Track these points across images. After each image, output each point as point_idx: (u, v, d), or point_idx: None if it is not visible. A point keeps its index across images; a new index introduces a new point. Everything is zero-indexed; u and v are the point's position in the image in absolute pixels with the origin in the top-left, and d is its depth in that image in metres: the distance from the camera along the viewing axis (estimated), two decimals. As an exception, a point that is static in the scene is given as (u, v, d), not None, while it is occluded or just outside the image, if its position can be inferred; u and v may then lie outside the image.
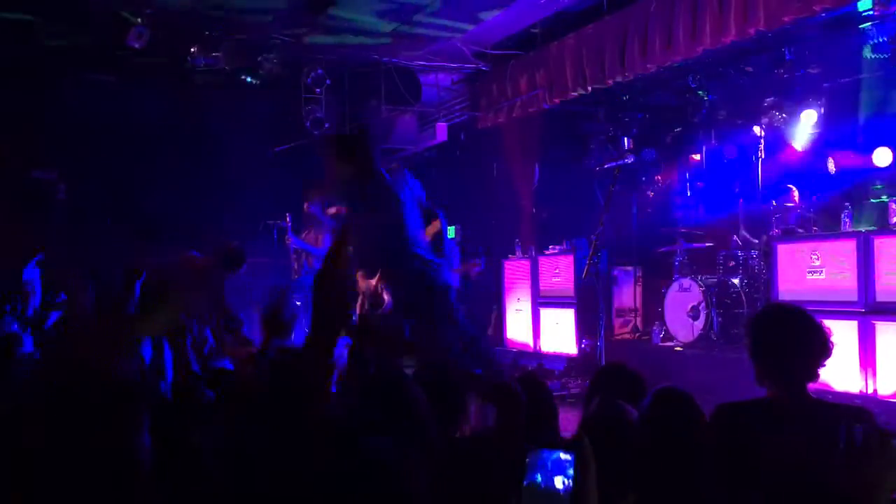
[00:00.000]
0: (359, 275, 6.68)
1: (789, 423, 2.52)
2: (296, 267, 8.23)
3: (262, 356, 3.78)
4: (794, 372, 2.61)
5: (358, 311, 6.67)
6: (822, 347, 2.63)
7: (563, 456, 1.87)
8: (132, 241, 8.27)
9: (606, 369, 3.38)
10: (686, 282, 7.72)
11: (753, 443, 2.46)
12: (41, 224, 8.51)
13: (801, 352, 2.61)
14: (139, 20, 7.03)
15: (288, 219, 7.98)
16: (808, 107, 8.35)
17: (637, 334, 8.91)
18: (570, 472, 1.86)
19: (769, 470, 2.41)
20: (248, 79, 8.25)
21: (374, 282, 6.52)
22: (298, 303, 8.09)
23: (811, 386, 2.59)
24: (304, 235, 8.16)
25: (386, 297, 6.38)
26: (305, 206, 7.65)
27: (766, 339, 2.68)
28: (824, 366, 2.64)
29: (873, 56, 7.41)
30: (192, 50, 7.76)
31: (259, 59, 8.06)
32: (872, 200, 7.27)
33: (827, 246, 6.24)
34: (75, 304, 5.66)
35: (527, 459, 1.90)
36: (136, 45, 7.21)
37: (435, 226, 6.12)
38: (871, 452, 2.41)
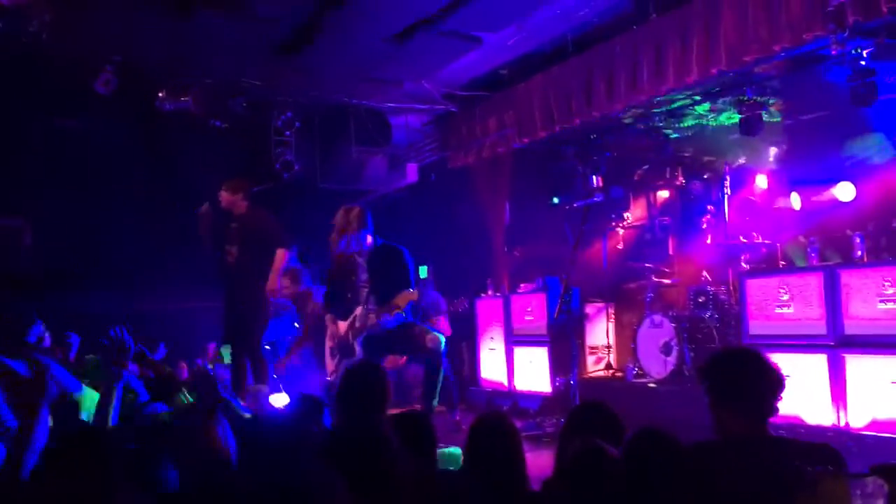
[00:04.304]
0: (327, 318, 6.25)
1: (746, 462, 2.53)
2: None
3: None
4: (752, 411, 2.64)
5: (327, 357, 6.20)
6: (775, 383, 2.66)
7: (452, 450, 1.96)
8: (101, 288, 8.14)
9: (582, 408, 3.36)
10: (657, 317, 7.75)
11: (713, 484, 2.46)
12: (6, 271, 8.35)
13: (756, 390, 2.65)
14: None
15: None
16: (772, 144, 8.51)
17: (611, 371, 8.91)
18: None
19: None
20: (217, 122, 8.22)
21: (343, 327, 6.11)
22: (297, 325, 7.96)
23: (784, 420, 2.61)
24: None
25: (357, 348, 5.94)
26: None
27: (722, 382, 2.72)
28: (780, 399, 2.67)
29: (833, 94, 7.57)
30: (161, 94, 7.73)
31: (228, 102, 8.06)
32: (837, 235, 7.38)
33: (794, 280, 6.32)
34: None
35: None
36: (103, 92, 7.18)
37: (411, 295, 5.85)
38: (820, 495, 2.38)
